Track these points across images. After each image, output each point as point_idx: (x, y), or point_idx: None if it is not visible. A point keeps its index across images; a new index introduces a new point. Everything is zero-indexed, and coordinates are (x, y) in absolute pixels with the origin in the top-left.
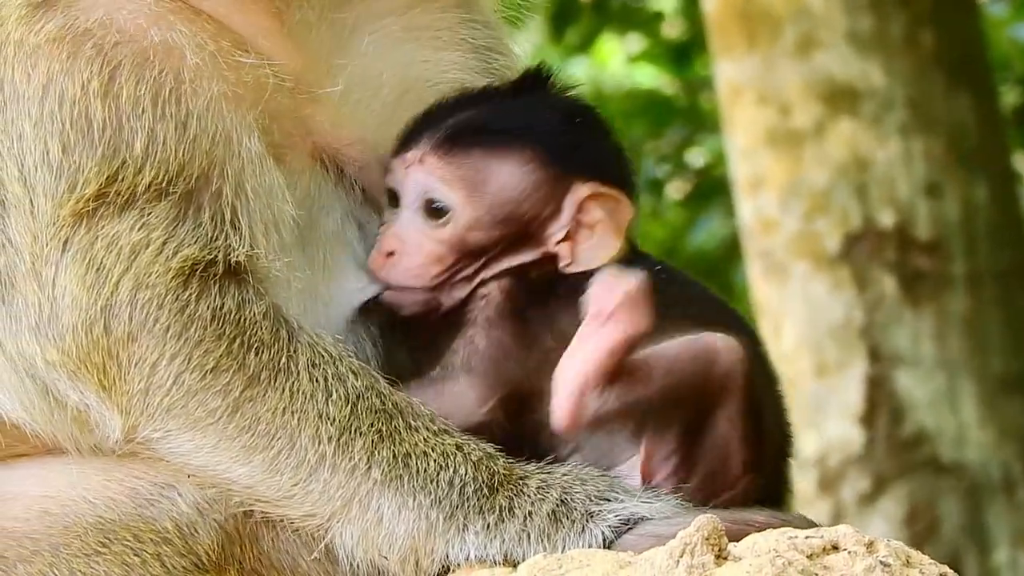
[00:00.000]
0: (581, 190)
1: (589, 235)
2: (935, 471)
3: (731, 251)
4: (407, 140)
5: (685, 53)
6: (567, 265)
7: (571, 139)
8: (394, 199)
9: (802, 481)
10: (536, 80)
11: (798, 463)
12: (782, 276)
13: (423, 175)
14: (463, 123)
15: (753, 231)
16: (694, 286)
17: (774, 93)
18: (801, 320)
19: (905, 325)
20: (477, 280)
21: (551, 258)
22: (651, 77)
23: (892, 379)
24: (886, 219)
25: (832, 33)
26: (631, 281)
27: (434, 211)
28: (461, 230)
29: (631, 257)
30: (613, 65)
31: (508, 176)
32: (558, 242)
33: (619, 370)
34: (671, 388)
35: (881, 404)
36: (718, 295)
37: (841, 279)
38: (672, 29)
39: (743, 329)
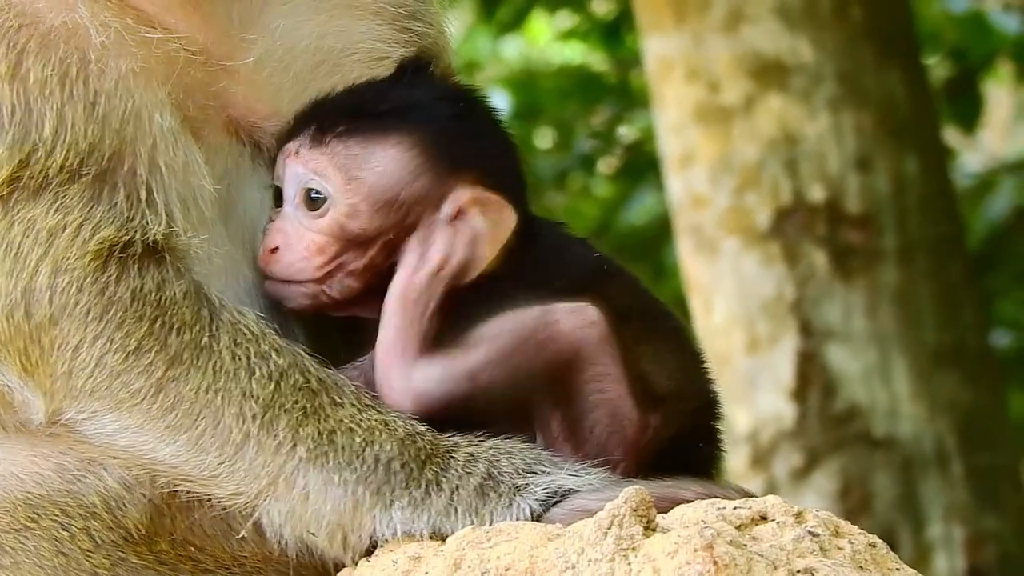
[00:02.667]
0: (463, 191)
1: (466, 242)
2: (868, 446)
3: (663, 228)
4: (287, 135)
5: (615, 30)
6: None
7: (458, 129)
8: (278, 196)
9: (734, 457)
10: (417, 69)
11: (730, 439)
12: (712, 252)
13: (300, 166)
14: (338, 111)
15: (683, 207)
16: (567, 247)
17: (703, 68)
18: (732, 296)
19: (836, 300)
20: (369, 273)
21: None
22: (582, 55)
23: (824, 354)
24: (816, 194)
25: (760, 8)
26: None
27: (312, 201)
28: (340, 218)
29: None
30: (545, 43)
31: (387, 161)
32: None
33: (439, 342)
34: (503, 360)
35: (813, 379)
36: (603, 260)
37: (772, 254)
38: (601, 6)
39: (611, 287)
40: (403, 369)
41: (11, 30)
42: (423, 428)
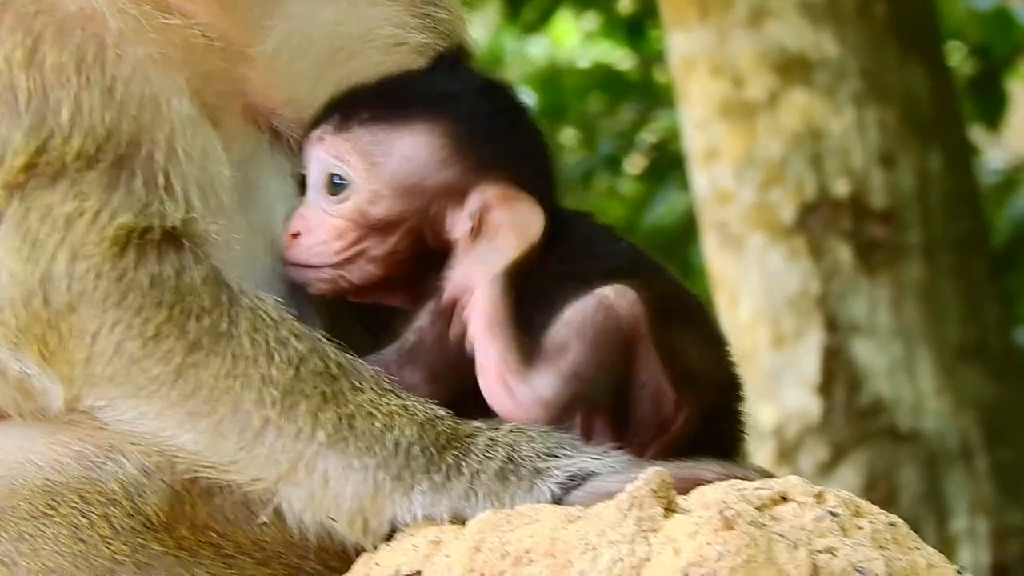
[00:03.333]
0: (491, 187)
1: (488, 238)
2: (893, 440)
3: (689, 226)
4: (314, 122)
5: (638, 26)
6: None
7: (490, 123)
8: (303, 183)
9: (760, 452)
10: (454, 61)
11: (756, 434)
12: (738, 247)
13: (323, 152)
14: (366, 98)
15: (708, 203)
16: (595, 238)
17: (727, 64)
18: (757, 291)
19: (861, 294)
20: (390, 260)
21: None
22: (607, 55)
23: (849, 348)
24: (841, 189)
25: (784, 3)
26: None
27: (334, 187)
28: (361, 204)
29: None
30: (570, 44)
31: (412, 148)
32: (459, 235)
33: (530, 351)
34: (593, 351)
35: (838, 374)
36: (632, 248)
37: (797, 249)
38: (626, 5)
39: (641, 272)
40: (522, 383)
41: (27, 16)
42: (443, 413)
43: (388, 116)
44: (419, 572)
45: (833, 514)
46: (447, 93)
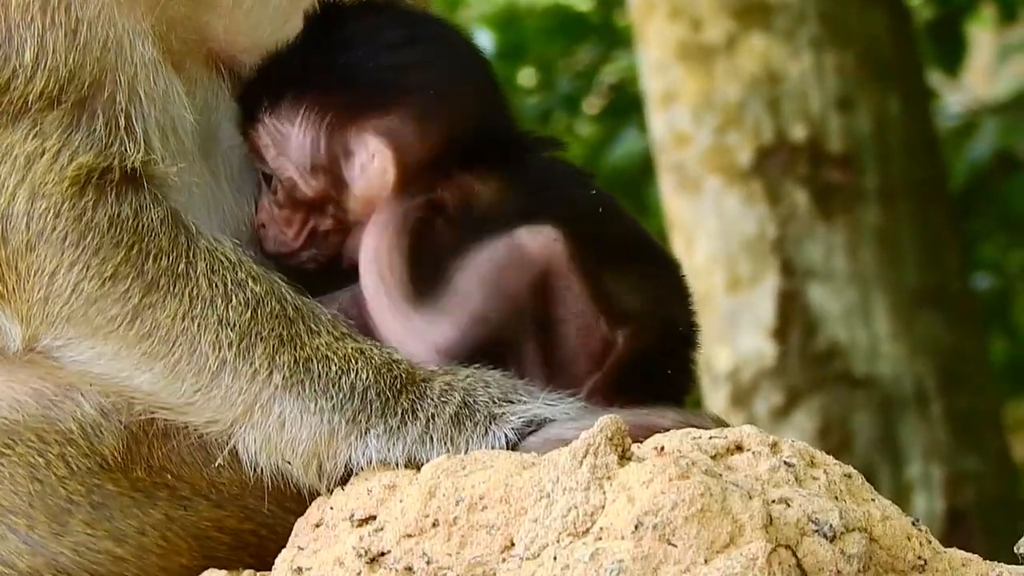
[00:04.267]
0: (367, 127)
1: (371, 182)
2: (848, 385)
3: (646, 167)
4: (241, 116)
5: None
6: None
7: (344, 74)
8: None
9: (715, 395)
10: (322, 15)
11: (711, 378)
12: (694, 191)
13: (250, 147)
14: (257, 86)
15: (665, 145)
16: (542, 172)
17: (686, 7)
18: (713, 235)
19: (818, 239)
20: (342, 227)
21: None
22: None
23: (805, 293)
24: (798, 133)
25: None
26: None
27: (266, 178)
28: (287, 190)
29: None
30: None
31: (296, 131)
32: (362, 189)
33: (426, 293)
34: (499, 295)
35: (794, 318)
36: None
37: (753, 193)
38: None
39: (576, 210)
40: (415, 329)
41: None
42: (399, 357)
43: (278, 102)
44: (373, 516)
45: (788, 464)
46: (309, 64)
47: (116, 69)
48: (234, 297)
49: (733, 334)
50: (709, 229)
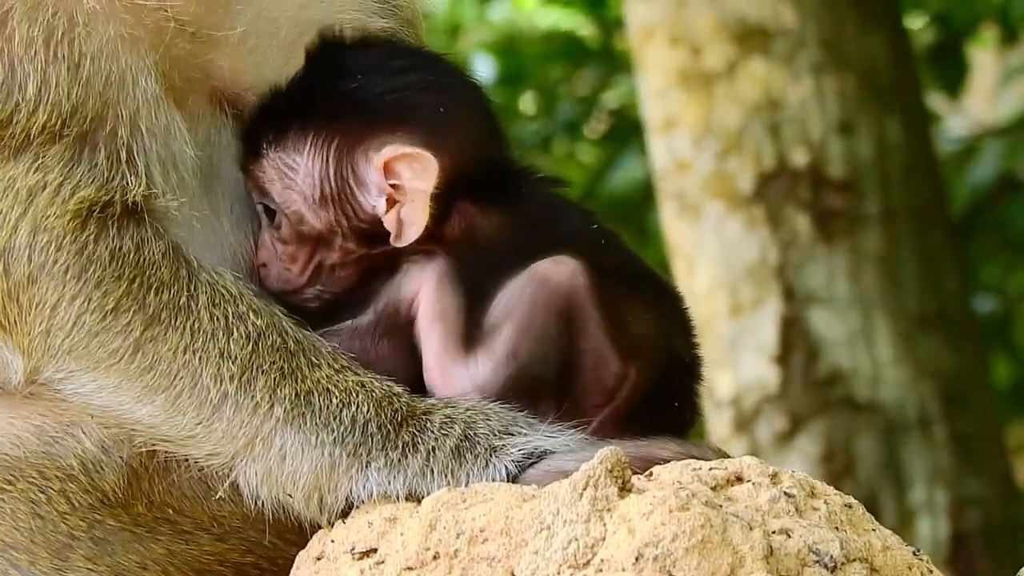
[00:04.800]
0: (377, 157)
1: (402, 200)
2: (851, 410)
3: (647, 193)
4: (243, 152)
5: None
6: (396, 238)
7: (353, 104)
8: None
9: (718, 421)
10: (317, 54)
11: (713, 403)
12: (695, 216)
13: (252, 183)
14: (260, 122)
15: (666, 172)
16: (552, 209)
17: (685, 33)
18: (715, 260)
19: (819, 264)
20: (350, 260)
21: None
22: (567, 20)
23: (807, 318)
24: (799, 158)
25: None
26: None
27: (269, 213)
28: (292, 224)
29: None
30: (531, 9)
31: (303, 162)
32: (384, 214)
33: (469, 335)
34: (528, 330)
35: (796, 343)
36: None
37: (755, 218)
38: None
39: (588, 242)
40: (461, 370)
41: None
42: (400, 390)
43: (284, 135)
44: (374, 550)
45: (788, 495)
46: (313, 92)
47: (118, 104)
48: (235, 330)
49: (735, 359)
50: (710, 255)
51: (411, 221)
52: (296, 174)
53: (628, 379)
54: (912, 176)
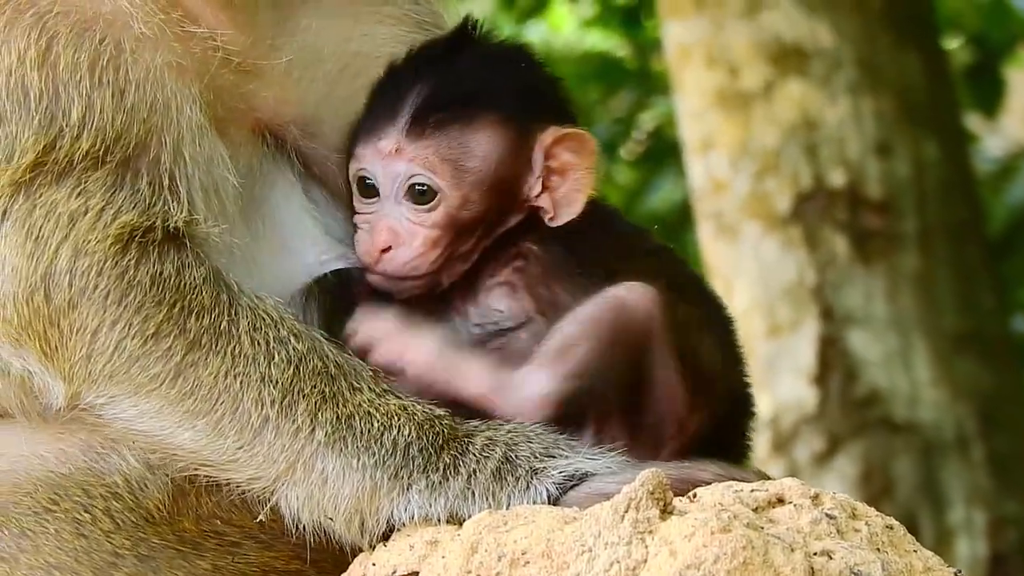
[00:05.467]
0: (545, 137)
1: (562, 180)
2: (889, 430)
3: (684, 214)
4: (372, 128)
5: (635, 15)
6: (551, 218)
7: (523, 89)
8: (365, 189)
9: (755, 442)
10: (466, 35)
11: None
12: (733, 237)
13: (403, 164)
14: (425, 101)
15: (704, 192)
16: (614, 232)
17: (722, 54)
18: (753, 281)
19: (857, 284)
20: (475, 253)
21: (536, 214)
22: (603, 42)
23: (845, 338)
24: (837, 178)
25: None
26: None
27: (421, 196)
28: (453, 210)
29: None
30: (567, 30)
31: (484, 145)
32: (538, 195)
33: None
34: (603, 350)
35: (834, 364)
36: (643, 236)
37: (792, 239)
38: None
39: (661, 268)
40: (517, 382)
41: (47, 15)
42: (441, 412)
43: (455, 117)
44: (416, 573)
45: (830, 516)
46: (485, 73)
47: (162, 131)
48: (276, 354)
49: (773, 380)
50: (748, 275)
51: (570, 200)
52: (473, 157)
53: (696, 413)
54: (949, 196)
